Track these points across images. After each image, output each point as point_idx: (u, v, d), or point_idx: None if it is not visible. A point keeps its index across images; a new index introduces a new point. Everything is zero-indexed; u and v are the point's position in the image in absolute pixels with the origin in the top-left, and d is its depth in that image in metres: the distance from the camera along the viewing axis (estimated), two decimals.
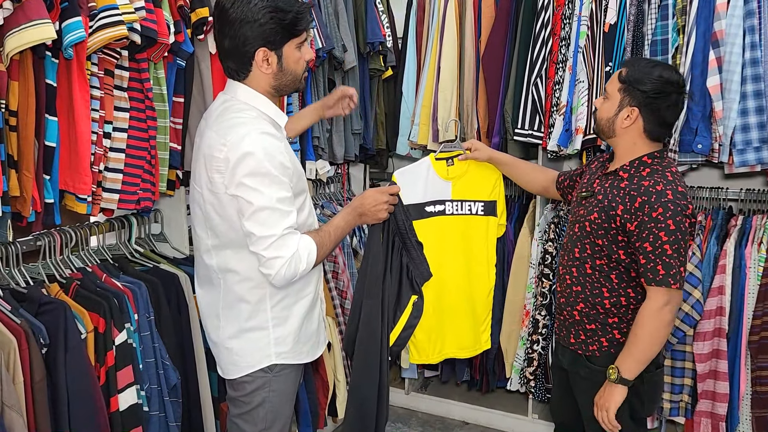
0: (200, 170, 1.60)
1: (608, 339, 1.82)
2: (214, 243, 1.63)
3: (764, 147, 2.35)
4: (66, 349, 1.63)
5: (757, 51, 2.32)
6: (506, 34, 2.76)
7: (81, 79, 1.64)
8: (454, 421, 3.10)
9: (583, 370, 1.86)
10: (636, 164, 1.77)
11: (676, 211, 1.66)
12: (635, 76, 1.73)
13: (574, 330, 1.88)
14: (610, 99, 1.79)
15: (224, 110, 1.59)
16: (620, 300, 1.79)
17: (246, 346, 1.65)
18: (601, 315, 1.82)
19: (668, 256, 1.66)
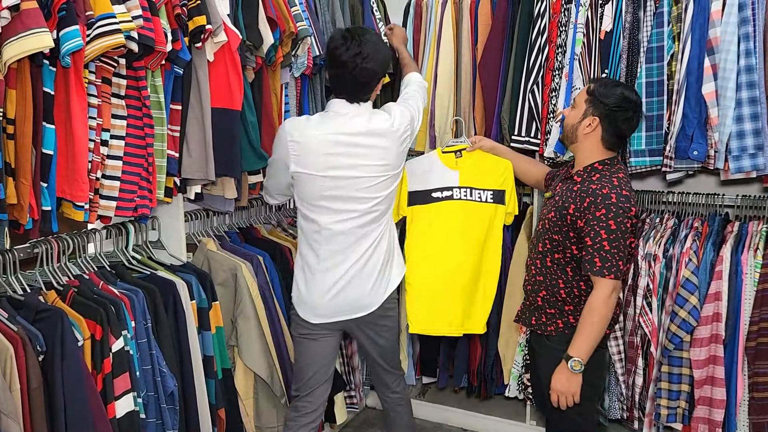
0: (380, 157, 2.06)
1: (563, 322, 2.08)
2: (383, 199, 2.11)
3: (759, 153, 2.36)
4: (63, 356, 1.63)
5: (751, 58, 2.33)
6: (503, 42, 2.77)
7: (78, 87, 1.64)
8: (452, 428, 3.09)
9: (541, 348, 2.13)
10: (588, 170, 2.03)
11: (617, 213, 1.90)
12: (601, 90, 1.99)
13: (537, 314, 2.14)
14: (577, 108, 2.05)
15: (376, 112, 2.13)
16: (573, 291, 2.04)
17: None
18: (559, 302, 2.08)
19: (605, 251, 1.90)
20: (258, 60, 2.22)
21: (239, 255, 2.35)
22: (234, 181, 2.22)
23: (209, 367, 2.12)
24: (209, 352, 2.12)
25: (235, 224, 2.62)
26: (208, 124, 2.04)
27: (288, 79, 2.40)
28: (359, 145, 2.02)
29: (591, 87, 2.02)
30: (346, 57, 1.94)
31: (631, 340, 2.62)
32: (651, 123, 2.50)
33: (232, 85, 2.04)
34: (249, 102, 2.17)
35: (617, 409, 2.74)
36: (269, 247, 2.52)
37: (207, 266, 2.30)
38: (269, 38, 2.19)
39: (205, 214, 2.43)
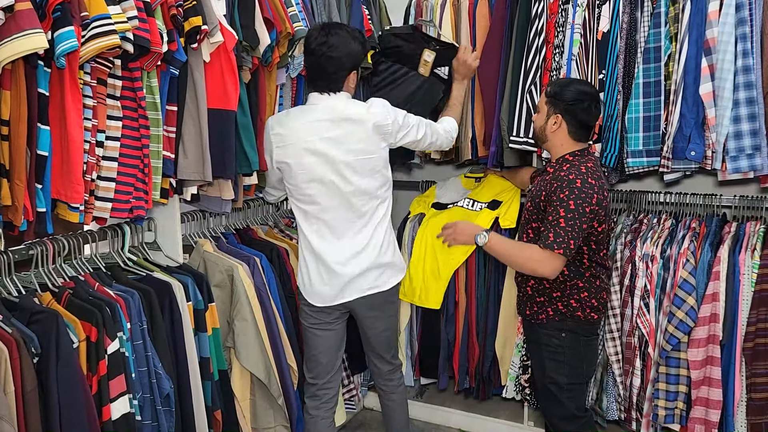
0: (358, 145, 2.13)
1: (553, 309, 2.18)
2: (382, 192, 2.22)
3: (757, 154, 2.36)
4: (58, 358, 1.62)
5: (749, 58, 2.33)
6: (501, 43, 2.77)
7: (73, 88, 1.64)
8: (450, 429, 3.09)
9: (533, 336, 2.26)
10: (560, 161, 2.18)
11: (578, 195, 2.02)
12: (555, 90, 2.16)
13: (529, 303, 2.25)
14: (540, 111, 2.22)
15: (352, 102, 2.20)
16: (558, 277, 2.13)
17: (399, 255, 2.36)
18: (547, 290, 2.18)
19: (560, 227, 2.02)
20: (254, 61, 2.21)
21: (236, 256, 2.35)
22: (231, 182, 2.22)
23: (205, 369, 2.11)
24: (205, 354, 2.11)
25: (232, 225, 2.61)
26: (205, 124, 2.04)
27: (284, 79, 2.40)
28: (333, 129, 2.12)
29: (548, 90, 2.18)
30: (314, 45, 2.10)
31: (628, 341, 2.62)
32: (648, 123, 2.50)
33: (227, 85, 2.04)
34: (242, 104, 2.16)
35: (615, 410, 2.73)
36: (266, 248, 2.51)
37: (203, 267, 2.29)
38: (266, 39, 2.18)
39: (201, 215, 2.43)
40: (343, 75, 2.14)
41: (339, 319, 2.31)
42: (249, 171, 2.24)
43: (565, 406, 2.21)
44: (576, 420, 2.22)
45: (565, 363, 2.18)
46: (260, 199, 2.70)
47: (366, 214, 2.19)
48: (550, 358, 2.20)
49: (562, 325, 2.17)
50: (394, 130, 2.17)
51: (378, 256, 2.21)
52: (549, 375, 2.20)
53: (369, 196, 2.18)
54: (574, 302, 2.16)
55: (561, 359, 2.18)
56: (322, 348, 2.30)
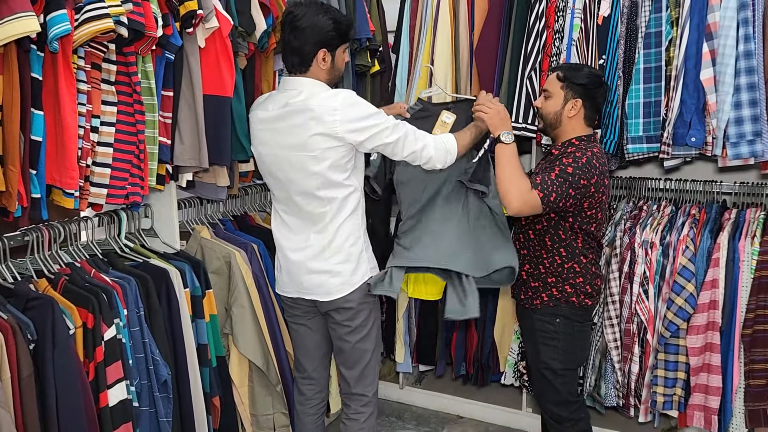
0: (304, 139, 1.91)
1: (548, 294, 2.17)
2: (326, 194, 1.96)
3: (758, 140, 2.34)
4: (54, 344, 1.62)
5: (750, 43, 2.31)
6: (500, 27, 2.74)
7: (67, 72, 1.62)
8: (448, 415, 3.10)
9: (527, 321, 2.26)
10: (566, 144, 2.15)
11: (579, 166, 2.02)
12: (571, 74, 2.12)
13: (523, 288, 2.24)
14: (554, 96, 2.15)
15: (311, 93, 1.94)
16: (555, 259, 2.15)
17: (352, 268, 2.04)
18: (542, 274, 2.18)
19: (549, 178, 2.00)
20: (250, 46, 2.19)
21: (233, 243, 2.34)
22: (226, 169, 2.20)
23: (203, 355, 2.11)
24: (203, 340, 2.11)
25: (230, 212, 2.60)
26: (200, 110, 2.02)
27: (282, 65, 2.37)
28: (280, 119, 1.96)
29: (560, 74, 2.13)
30: (283, 17, 2.01)
31: (627, 327, 2.62)
32: (648, 109, 2.48)
33: (223, 71, 2.02)
34: (238, 91, 2.14)
35: (613, 396, 2.73)
36: (264, 234, 2.50)
37: (201, 254, 2.28)
38: (262, 24, 2.16)
39: (198, 202, 2.42)
40: (309, 51, 1.93)
41: (308, 315, 2.15)
42: (244, 158, 2.22)
43: (559, 392, 2.21)
44: (569, 405, 2.23)
45: (559, 348, 2.18)
46: (258, 185, 2.68)
47: (313, 216, 2.00)
48: (545, 343, 2.20)
49: (556, 310, 2.17)
50: (343, 130, 1.88)
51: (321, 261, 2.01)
52: (543, 360, 2.20)
53: (312, 197, 1.97)
54: (569, 287, 2.15)
55: (555, 345, 2.18)
56: (298, 343, 2.22)
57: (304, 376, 2.22)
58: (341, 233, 2.01)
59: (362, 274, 2.05)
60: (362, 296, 2.06)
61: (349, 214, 2.02)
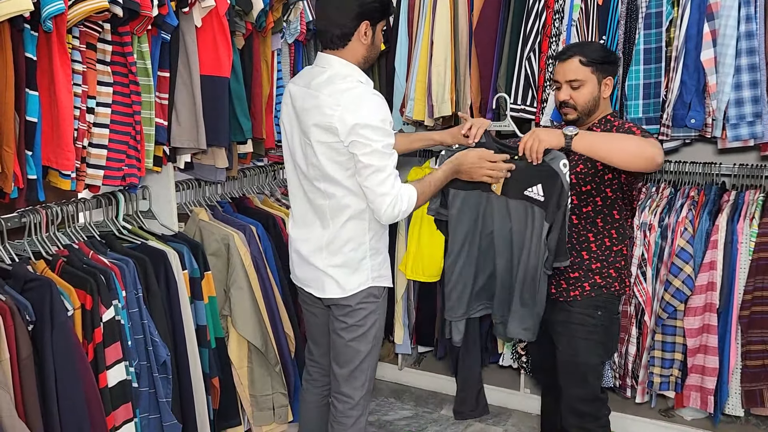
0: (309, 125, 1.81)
1: (590, 284, 2.05)
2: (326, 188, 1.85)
3: (758, 121, 2.33)
4: (53, 326, 1.62)
5: (752, 24, 2.28)
6: (499, 8, 2.71)
7: (62, 52, 1.61)
8: (447, 396, 3.11)
9: (561, 315, 2.09)
10: (603, 121, 2.07)
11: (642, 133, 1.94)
12: (594, 55, 2.00)
13: (555, 280, 2.08)
14: (587, 83, 2.01)
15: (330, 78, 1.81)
16: (604, 241, 2.03)
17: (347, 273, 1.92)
18: (586, 261, 2.05)
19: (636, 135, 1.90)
20: (248, 26, 2.17)
21: (232, 225, 2.34)
22: (224, 150, 2.19)
23: (202, 337, 2.12)
24: (202, 322, 2.12)
25: (228, 194, 2.60)
26: (198, 91, 2.01)
27: (280, 45, 2.36)
28: (298, 98, 1.86)
29: (582, 59, 1.99)
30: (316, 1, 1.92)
31: (624, 309, 2.62)
32: (648, 90, 2.46)
33: (220, 51, 2.01)
34: (236, 71, 2.13)
35: (610, 377, 2.75)
36: (262, 217, 2.50)
37: (199, 236, 2.28)
38: (259, 3, 2.15)
39: (197, 184, 2.41)
40: (352, 25, 1.78)
41: (315, 304, 2.05)
42: (242, 139, 2.21)
43: (592, 387, 2.10)
44: (596, 401, 2.11)
45: (598, 342, 2.06)
46: (257, 167, 2.68)
47: (315, 207, 1.90)
48: (584, 338, 2.05)
49: (597, 301, 2.04)
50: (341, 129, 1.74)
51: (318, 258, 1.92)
52: (581, 356, 2.05)
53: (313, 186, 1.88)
54: (614, 272, 2.05)
55: (595, 338, 2.05)
56: (307, 328, 2.18)
57: (312, 359, 2.18)
58: (342, 235, 1.88)
59: (359, 282, 1.91)
60: (363, 297, 1.93)
61: (351, 217, 1.87)
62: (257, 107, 2.29)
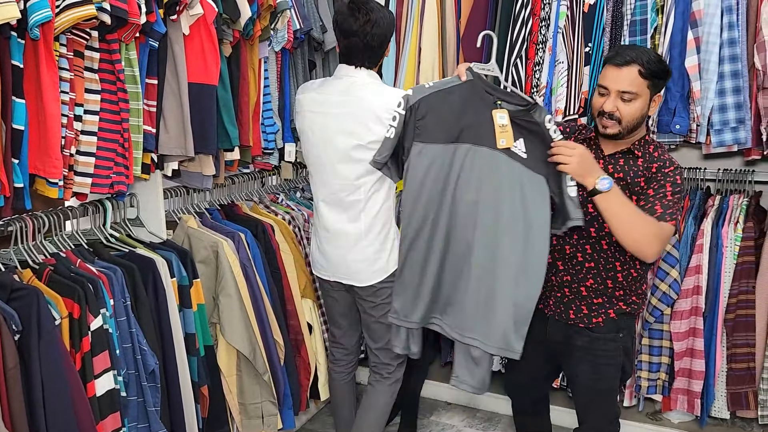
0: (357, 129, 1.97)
1: (615, 310, 1.92)
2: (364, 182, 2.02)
3: (741, 127, 2.36)
4: (39, 335, 1.61)
5: (734, 31, 2.32)
6: (486, 14, 2.74)
7: (49, 60, 1.60)
8: (436, 401, 3.12)
9: (581, 340, 1.94)
10: (643, 143, 1.89)
11: (679, 172, 1.84)
12: (655, 67, 1.79)
13: (575, 306, 1.94)
14: (641, 97, 1.80)
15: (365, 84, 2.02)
16: (630, 272, 1.90)
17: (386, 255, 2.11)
18: (610, 289, 1.90)
19: (667, 200, 1.79)
20: (235, 34, 2.17)
21: (220, 232, 2.33)
22: (212, 158, 2.19)
23: (191, 345, 2.11)
24: (191, 330, 2.11)
25: (216, 201, 2.59)
26: (186, 99, 2.01)
27: (267, 53, 2.36)
28: (335, 105, 2.02)
29: (643, 70, 1.77)
30: (356, 27, 1.97)
31: None
32: None
33: (208, 59, 2.00)
34: (223, 79, 2.13)
35: None
36: (251, 224, 2.49)
37: (188, 243, 2.27)
38: (246, 11, 2.14)
39: (185, 191, 2.40)
40: (385, 47, 2.06)
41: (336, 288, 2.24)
42: (229, 146, 2.21)
43: (614, 407, 2.03)
44: (617, 418, 2.05)
45: (619, 365, 1.95)
46: (244, 174, 2.67)
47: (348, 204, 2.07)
48: (607, 363, 1.93)
49: (619, 323, 1.92)
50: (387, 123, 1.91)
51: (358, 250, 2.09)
52: (602, 382, 1.95)
53: (350, 185, 2.04)
54: (636, 297, 1.94)
55: (617, 362, 1.94)
56: (330, 312, 2.37)
57: (335, 341, 2.39)
58: (377, 222, 2.08)
59: (394, 260, 2.08)
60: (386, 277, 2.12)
61: (383, 202, 2.07)
62: (244, 115, 2.29)
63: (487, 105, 1.83)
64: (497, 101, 1.84)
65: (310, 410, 2.90)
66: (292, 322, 2.55)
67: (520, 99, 1.85)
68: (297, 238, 2.66)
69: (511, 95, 1.85)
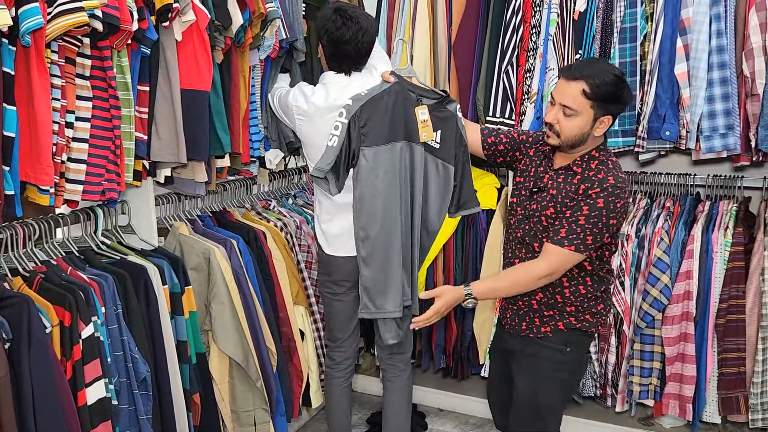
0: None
1: (564, 323, 1.91)
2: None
3: (730, 133, 2.39)
4: (30, 343, 1.60)
5: (722, 38, 2.35)
6: (477, 22, 2.75)
7: (40, 67, 1.59)
8: (429, 408, 3.11)
9: (529, 349, 1.95)
10: (586, 158, 1.85)
11: (611, 192, 1.76)
12: (601, 92, 1.74)
13: (529, 318, 1.95)
14: (581, 115, 1.76)
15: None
16: (579, 289, 1.88)
17: None
18: (560, 303, 1.90)
19: (578, 225, 1.76)
20: (227, 41, 2.17)
21: (212, 239, 2.32)
22: (204, 164, 2.19)
23: (183, 352, 2.10)
24: (182, 337, 2.10)
25: (208, 208, 2.58)
26: (178, 105, 2.00)
27: (257, 60, 2.36)
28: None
29: (587, 90, 1.74)
30: (349, 35, 2.06)
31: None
32: None
33: (201, 65, 2.00)
34: (215, 85, 2.13)
35: (591, 386, 2.78)
36: (243, 230, 2.49)
37: (179, 250, 2.26)
38: (239, 18, 2.14)
39: (176, 198, 2.39)
40: (369, 54, 2.17)
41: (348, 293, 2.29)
42: (221, 153, 2.21)
43: (555, 425, 1.98)
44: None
45: (563, 381, 1.94)
46: (236, 181, 2.67)
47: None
48: (550, 375, 1.91)
49: (568, 336, 1.90)
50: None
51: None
52: (543, 395, 1.92)
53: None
54: (590, 317, 1.91)
55: (561, 377, 1.92)
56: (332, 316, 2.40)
57: (337, 345, 2.40)
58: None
59: None
60: None
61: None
62: (235, 122, 2.29)
63: (411, 103, 2.04)
64: (419, 98, 2.05)
65: (303, 417, 2.89)
66: (285, 329, 2.54)
67: (434, 93, 2.08)
68: (289, 244, 2.66)
69: (428, 91, 2.08)
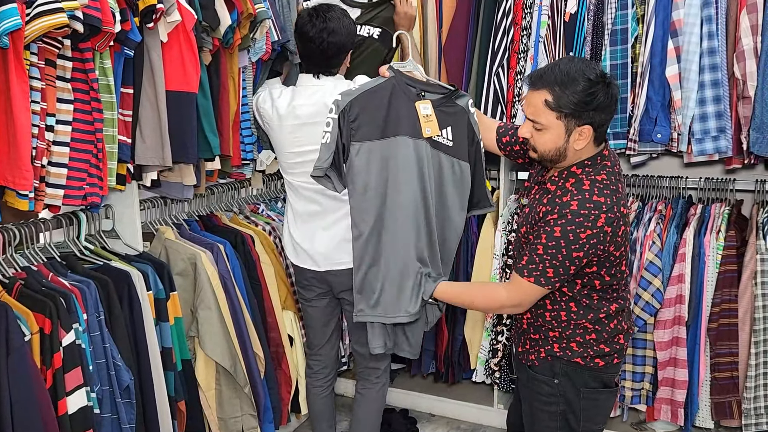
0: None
1: (546, 350, 1.77)
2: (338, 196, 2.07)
3: (722, 136, 2.37)
4: (8, 351, 1.56)
5: (714, 41, 2.33)
6: (467, 24, 2.74)
7: (18, 69, 1.55)
8: (420, 413, 3.09)
9: (523, 376, 1.86)
10: (564, 175, 1.68)
11: (570, 221, 1.58)
12: (565, 101, 1.56)
13: (522, 339, 1.86)
14: (549, 129, 1.60)
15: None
16: (560, 314, 1.73)
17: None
18: (543, 328, 1.77)
19: (537, 254, 1.63)
20: (215, 42, 2.14)
21: (199, 243, 2.29)
22: (192, 167, 2.15)
23: (168, 359, 2.06)
24: (168, 344, 2.06)
25: (195, 212, 2.55)
26: (163, 107, 1.97)
27: (246, 62, 2.33)
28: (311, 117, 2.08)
29: (550, 100, 1.57)
30: (312, 33, 2.03)
31: None
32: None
33: (187, 66, 1.97)
34: (203, 87, 2.09)
35: None
36: (230, 235, 2.45)
37: (165, 256, 2.23)
38: (226, 19, 2.11)
39: (162, 202, 2.36)
40: (344, 56, 2.13)
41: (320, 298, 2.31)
42: (210, 155, 2.18)
43: None
44: None
45: (557, 414, 1.76)
46: (224, 184, 2.63)
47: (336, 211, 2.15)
48: (541, 408, 1.79)
49: (553, 366, 1.75)
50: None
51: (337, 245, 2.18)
52: (539, 427, 1.81)
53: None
54: (576, 346, 1.73)
55: (553, 410, 1.77)
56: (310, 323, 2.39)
57: (314, 352, 2.39)
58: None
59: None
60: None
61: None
62: (224, 124, 2.25)
63: (411, 98, 1.92)
64: (420, 93, 1.93)
65: (291, 424, 2.85)
66: (273, 335, 2.51)
67: (440, 88, 1.96)
68: (278, 249, 2.63)
69: (431, 85, 1.96)
